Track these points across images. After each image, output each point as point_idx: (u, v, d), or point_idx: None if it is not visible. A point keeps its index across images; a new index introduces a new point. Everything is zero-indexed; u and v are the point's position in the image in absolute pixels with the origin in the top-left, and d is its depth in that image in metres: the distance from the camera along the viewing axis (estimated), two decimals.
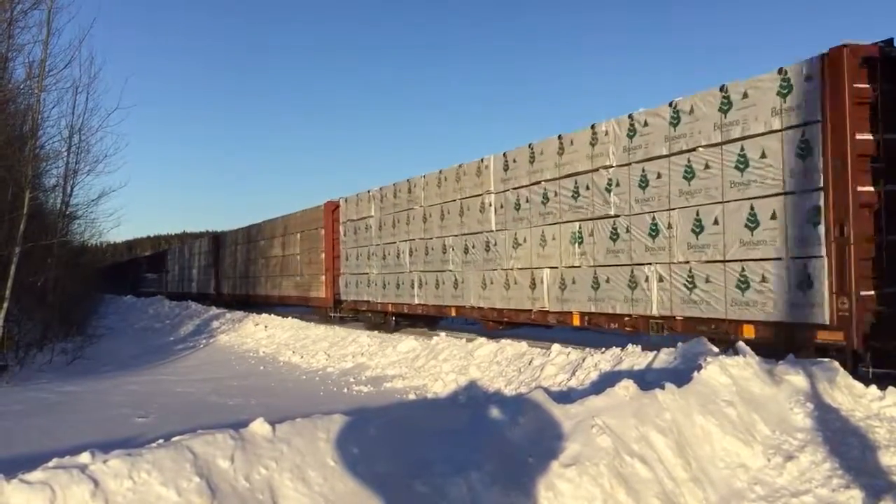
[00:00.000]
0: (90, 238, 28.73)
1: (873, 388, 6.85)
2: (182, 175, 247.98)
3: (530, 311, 13.13)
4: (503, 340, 12.81)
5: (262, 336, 21.52)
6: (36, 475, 3.68)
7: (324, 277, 22.83)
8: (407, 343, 14.96)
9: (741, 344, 7.75)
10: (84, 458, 3.91)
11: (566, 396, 7.70)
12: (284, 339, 20.25)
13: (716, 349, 8.59)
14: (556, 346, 11.29)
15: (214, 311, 30.63)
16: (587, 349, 10.81)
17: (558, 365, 10.61)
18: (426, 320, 19.29)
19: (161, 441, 4.35)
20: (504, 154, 14.05)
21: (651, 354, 9.38)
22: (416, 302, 17.16)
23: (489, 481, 4.47)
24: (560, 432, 5.00)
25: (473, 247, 14.88)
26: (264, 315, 25.24)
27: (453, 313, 15.93)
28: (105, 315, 34.82)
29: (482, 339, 13.29)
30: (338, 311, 22.07)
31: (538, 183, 12.95)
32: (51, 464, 3.83)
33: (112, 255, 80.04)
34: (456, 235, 15.57)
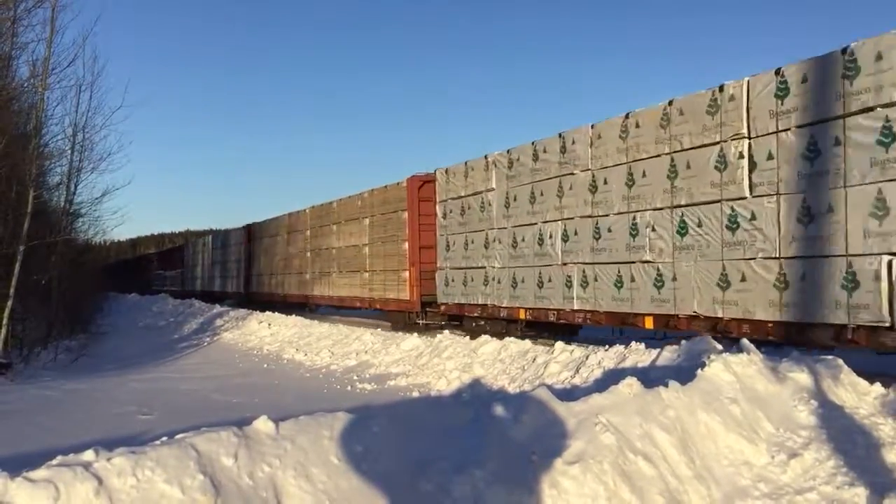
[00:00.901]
0: (94, 236, 28.86)
1: (878, 386, 6.84)
2: (185, 173, 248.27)
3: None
4: (506, 338, 12.81)
5: (265, 334, 21.53)
6: (40, 473, 3.68)
7: (407, 274, 18.35)
8: (410, 341, 14.97)
9: (745, 341, 7.74)
10: (88, 455, 3.92)
11: (570, 394, 7.69)
12: (288, 336, 20.26)
13: (719, 346, 8.58)
14: (559, 344, 11.28)
15: (218, 308, 30.64)
16: (591, 346, 10.80)
17: (562, 362, 10.61)
18: (561, 330, 13.98)
19: (165, 439, 4.35)
20: (778, 70, 9.00)
21: (655, 352, 9.37)
22: (576, 307, 12.29)
23: (493, 479, 4.46)
24: (564, 430, 4.99)
25: (700, 225, 9.95)
26: (268, 312, 25.24)
27: (650, 325, 10.92)
28: (109, 313, 34.86)
29: (485, 337, 13.28)
30: (425, 318, 18.02)
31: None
32: (55, 461, 3.84)
33: (116, 253, 79.95)
34: (659, 209, 10.63)
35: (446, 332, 15.08)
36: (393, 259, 19.22)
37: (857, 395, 6.68)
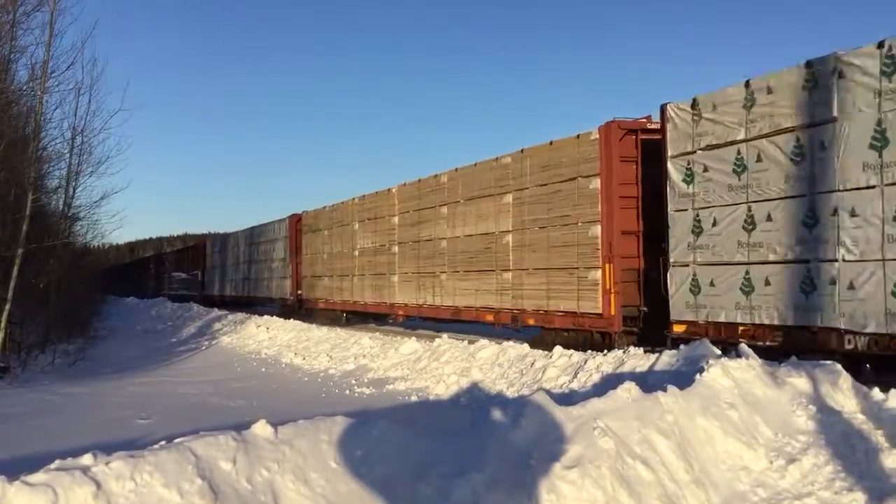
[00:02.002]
0: (93, 239, 28.81)
1: (876, 391, 6.83)
2: (184, 177, 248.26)
3: None
4: (505, 342, 12.81)
5: (264, 338, 21.51)
6: (38, 477, 3.68)
7: (598, 274, 12.40)
8: (409, 345, 14.95)
9: (744, 346, 7.73)
10: (86, 459, 3.92)
11: (568, 398, 7.70)
12: (286, 340, 20.24)
13: (718, 351, 8.58)
14: (557, 349, 11.29)
15: (216, 312, 30.60)
16: (589, 351, 10.80)
17: (560, 367, 10.61)
18: None
19: (163, 443, 4.35)
20: None
21: (653, 356, 9.37)
22: None
23: (491, 483, 4.46)
24: (562, 434, 4.99)
25: None
26: (266, 317, 25.22)
27: None
28: (107, 317, 34.83)
29: (484, 341, 13.28)
30: (627, 341, 11.90)
31: None
32: (53, 465, 3.84)
33: (115, 257, 79.57)
34: None
35: (444, 335, 14.92)
36: (565, 252, 13.16)
37: (856, 400, 6.68)
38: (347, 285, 22.69)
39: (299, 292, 26.54)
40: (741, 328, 9.81)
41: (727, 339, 9.76)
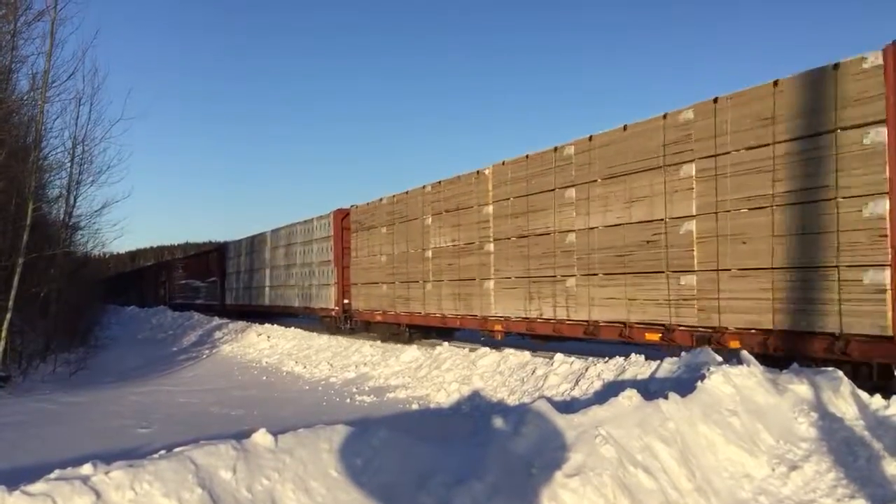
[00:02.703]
0: (93, 248, 28.81)
1: (878, 398, 6.83)
2: (184, 186, 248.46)
3: None
4: (506, 350, 12.79)
5: (264, 346, 21.50)
6: (38, 486, 3.67)
7: (886, 274, 8.11)
8: (410, 353, 14.94)
9: (745, 353, 7.72)
10: (86, 469, 3.91)
11: (569, 406, 7.69)
12: (287, 349, 20.23)
13: (719, 358, 8.56)
14: (559, 356, 11.27)
15: (217, 321, 30.57)
16: (590, 359, 10.79)
17: (561, 374, 10.60)
18: None
19: (163, 452, 4.34)
20: None
21: (654, 364, 9.35)
22: None
23: (492, 492, 4.45)
24: (563, 442, 4.98)
25: None
26: (267, 325, 25.19)
27: None
28: (108, 326, 34.82)
29: (485, 349, 13.27)
30: None
31: None
32: (53, 475, 3.83)
33: (115, 266, 79.17)
34: None
35: (445, 343, 14.95)
36: (811, 243, 8.96)
37: (858, 407, 6.67)
38: (417, 294, 18.11)
39: (346, 302, 22.44)
40: None
41: None
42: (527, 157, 14.15)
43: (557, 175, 13.26)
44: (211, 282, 39.37)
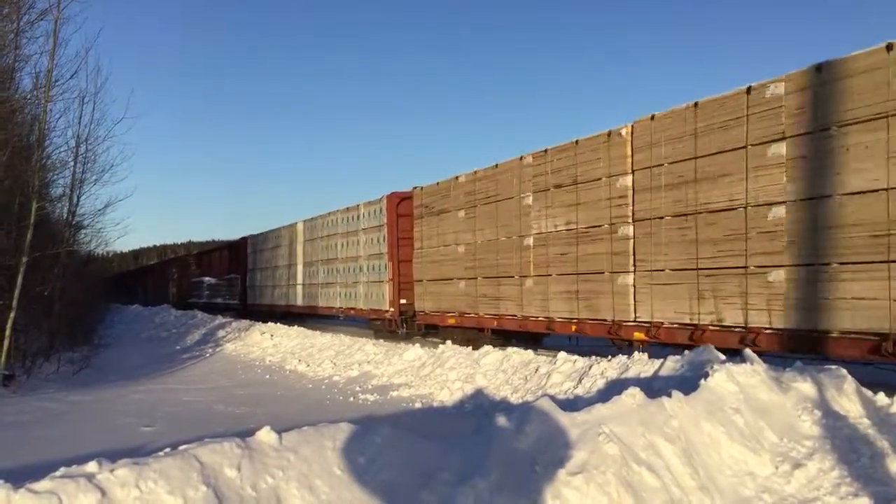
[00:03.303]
0: (97, 247, 28.87)
1: (881, 396, 6.83)
2: (187, 185, 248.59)
3: None
4: (509, 348, 12.79)
5: (268, 345, 21.52)
6: (43, 484, 3.69)
7: None
8: (413, 351, 14.95)
9: (748, 351, 7.73)
10: (91, 467, 3.92)
11: (573, 404, 7.69)
12: (290, 347, 20.25)
13: (722, 356, 8.56)
14: (562, 354, 11.27)
15: (220, 319, 30.57)
16: (593, 357, 10.79)
17: (564, 373, 10.60)
18: None
19: (168, 450, 4.35)
20: None
21: (658, 362, 9.36)
22: None
23: (496, 490, 4.46)
24: (567, 440, 4.99)
25: None
26: (270, 323, 25.19)
27: None
28: (112, 324, 34.87)
29: (488, 347, 13.26)
30: None
31: None
32: (58, 473, 3.84)
33: (119, 264, 78.77)
34: None
35: (448, 342, 14.95)
36: None
37: (861, 404, 6.67)
38: (511, 292, 14.78)
39: (403, 302, 19.42)
40: None
41: None
42: (695, 105, 10.61)
43: (754, 125, 9.70)
44: (229, 279, 35.87)
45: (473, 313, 16.08)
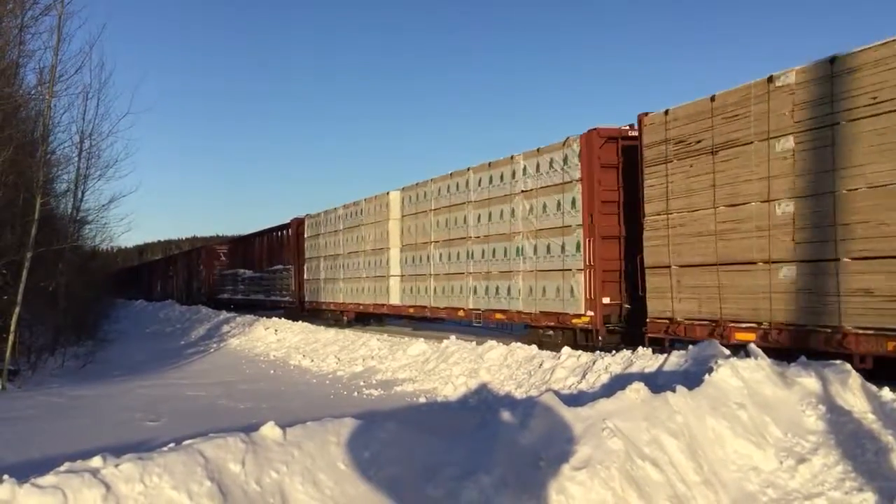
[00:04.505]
0: (101, 243, 28.86)
1: (886, 391, 6.81)
2: (191, 180, 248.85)
3: None
4: (513, 343, 12.80)
5: (272, 340, 21.55)
6: (48, 479, 3.70)
7: None
8: (417, 346, 14.95)
9: (752, 346, 7.71)
10: (96, 462, 3.93)
11: (577, 399, 7.69)
12: (294, 342, 20.27)
13: (727, 351, 8.55)
14: (566, 349, 11.27)
15: (225, 314, 30.59)
16: (597, 352, 10.78)
17: (568, 368, 10.59)
18: None
19: (172, 445, 4.36)
20: None
21: (662, 357, 9.35)
22: None
23: (500, 484, 4.46)
24: (571, 435, 4.99)
25: None
26: (274, 319, 25.19)
27: None
28: (116, 319, 34.94)
29: (492, 342, 13.27)
30: None
31: None
32: (62, 468, 3.85)
33: (123, 260, 78.31)
34: None
35: (452, 336, 14.93)
36: None
37: (866, 400, 6.66)
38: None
39: (607, 301, 13.03)
40: None
41: None
42: None
43: None
44: (274, 271, 29.55)
45: (823, 326, 8.89)
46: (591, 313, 12.88)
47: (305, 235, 27.17)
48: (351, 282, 22.98)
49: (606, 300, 12.92)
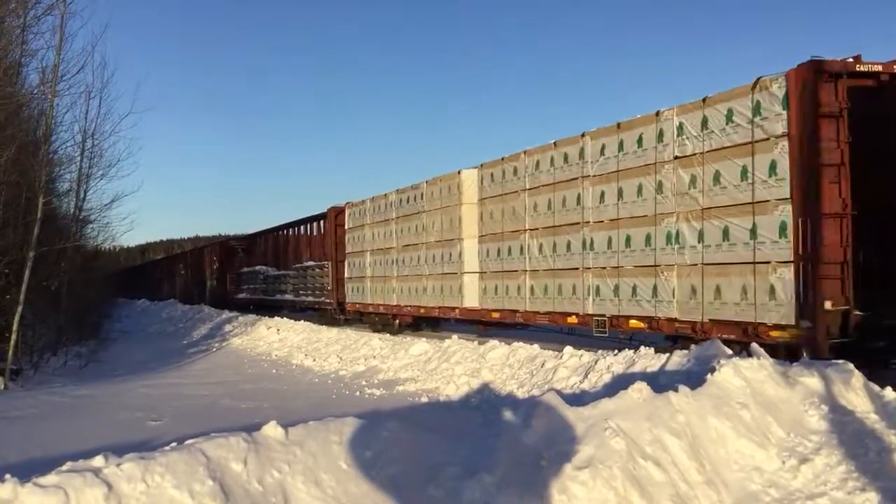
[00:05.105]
0: (103, 242, 28.84)
1: (889, 391, 6.80)
2: (193, 179, 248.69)
3: None
4: (515, 343, 12.80)
5: (274, 339, 21.56)
6: (50, 478, 3.70)
7: None
8: (419, 346, 14.96)
9: (755, 346, 7.70)
10: (98, 461, 3.93)
11: (579, 399, 7.69)
12: (297, 342, 20.28)
13: (729, 351, 8.54)
14: (568, 349, 11.26)
15: (227, 314, 30.59)
16: (599, 351, 10.78)
17: (571, 367, 10.59)
18: None
19: (174, 444, 4.37)
20: None
21: (664, 356, 9.35)
22: None
23: (502, 484, 4.46)
24: (573, 435, 4.98)
25: None
26: (276, 318, 25.21)
27: None
28: (118, 319, 34.98)
29: (494, 342, 13.27)
30: None
31: None
32: (65, 467, 3.86)
33: (125, 259, 78.07)
34: None
35: (455, 336, 14.88)
36: None
37: (869, 399, 6.64)
38: None
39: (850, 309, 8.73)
40: None
41: None
42: None
43: None
44: (304, 268, 26.05)
45: None
46: (806, 324, 8.85)
47: (346, 227, 23.10)
48: (407, 280, 18.66)
49: (828, 305, 8.86)
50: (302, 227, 28.18)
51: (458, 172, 16.38)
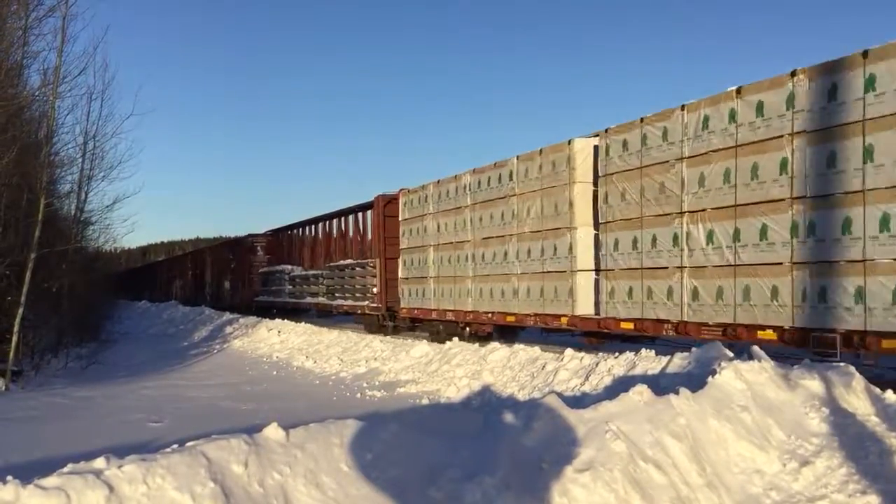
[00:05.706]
0: (105, 244, 28.88)
1: (890, 393, 6.79)
2: (194, 181, 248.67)
3: None
4: (516, 345, 12.79)
5: (275, 341, 21.56)
6: (51, 480, 3.70)
7: None
8: (420, 348, 14.96)
9: (756, 348, 7.70)
10: (99, 463, 3.94)
11: (580, 401, 7.68)
12: (297, 343, 20.28)
13: (730, 353, 8.53)
14: (569, 351, 11.26)
15: (228, 316, 30.58)
16: (600, 353, 10.78)
17: (571, 370, 10.59)
18: None
19: (175, 446, 4.37)
20: None
21: (665, 359, 9.34)
22: None
23: (503, 487, 4.46)
24: (574, 437, 4.98)
25: None
26: (277, 320, 25.21)
27: None
28: (120, 320, 34.99)
29: (495, 344, 13.26)
30: None
31: None
32: (66, 469, 3.86)
33: (126, 261, 77.93)
34: None
35: (455, 339, 14.89)
36: None
37: (870, 402, 6.64)
38: None
39: None
40: None
41: None
42: None
43: None
44: (339, 268, 23.00)
45: None
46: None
47: (401, 218, 19.28)
48: (488, 281, 15.15)
49: None
50: (341, 220, 24.84)
51: (568, 143, 12.86)
